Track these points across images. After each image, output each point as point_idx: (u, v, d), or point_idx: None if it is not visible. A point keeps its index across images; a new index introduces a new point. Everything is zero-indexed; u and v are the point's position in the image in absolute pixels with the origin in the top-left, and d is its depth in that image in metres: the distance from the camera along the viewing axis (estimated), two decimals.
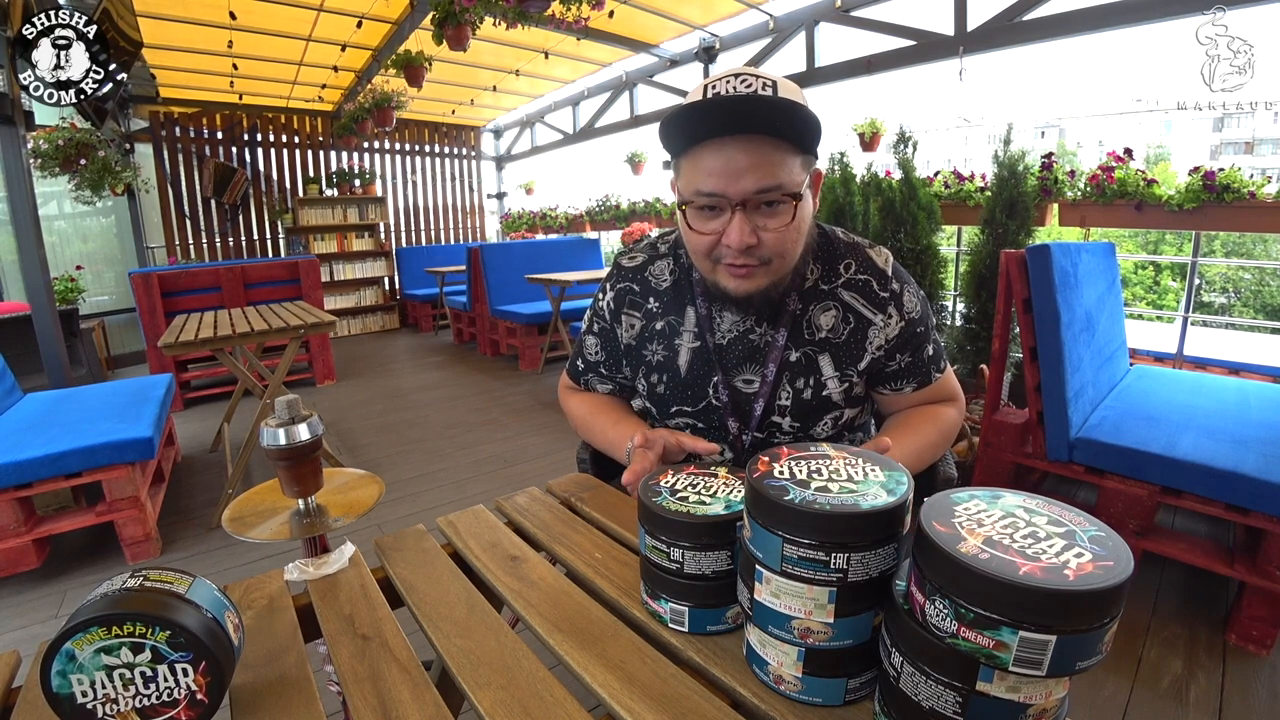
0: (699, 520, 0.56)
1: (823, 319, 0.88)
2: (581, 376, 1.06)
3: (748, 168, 0.73)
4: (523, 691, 0.53)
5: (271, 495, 0.86)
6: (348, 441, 3.19)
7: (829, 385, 0.89)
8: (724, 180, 0.73)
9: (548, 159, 7.27)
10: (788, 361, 0.89)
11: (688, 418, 0.94)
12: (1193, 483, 1.53)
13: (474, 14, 3.17)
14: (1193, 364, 2.62)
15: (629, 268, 0.98)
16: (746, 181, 0.73)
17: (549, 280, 4.18)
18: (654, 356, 0.95)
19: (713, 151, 0.74)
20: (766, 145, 0.73)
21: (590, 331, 1.03)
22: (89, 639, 0.45)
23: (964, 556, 0.39)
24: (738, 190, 0.74)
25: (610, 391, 1.05)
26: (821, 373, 0.89)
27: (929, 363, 0.93)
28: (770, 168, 0.73)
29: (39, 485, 1.89)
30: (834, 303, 0.89)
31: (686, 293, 0.93)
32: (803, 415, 0.90)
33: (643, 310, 0.96)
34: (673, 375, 0.93)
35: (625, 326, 0.97)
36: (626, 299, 0.97)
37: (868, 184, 3.02)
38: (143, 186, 5.20)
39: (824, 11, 3.94)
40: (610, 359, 1.02)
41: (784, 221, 0.76)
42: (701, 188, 0.75)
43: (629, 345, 0.98)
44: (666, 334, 0.94)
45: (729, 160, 0.73)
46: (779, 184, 0.74)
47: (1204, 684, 1.38)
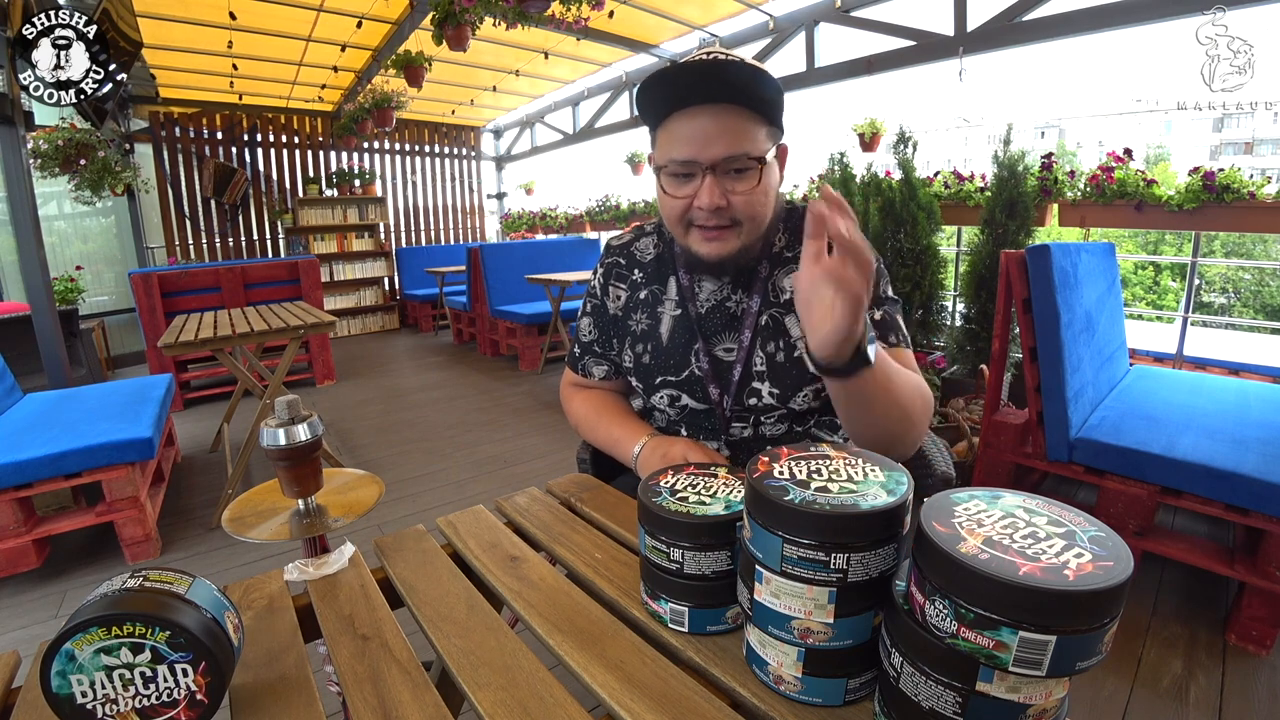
0: (699, 520, 0.56)
1: (786, 281, 0.93)
2: (578, 362, 1.08)
3: (717, 134, 0.79)
4: (523, 691, 0.53)
5: (271, 495, 0.86)
6: (348, 441, 3.19)
7: (799, 346, 0.91)
8: (695, 147, 0.79)
9: (548, 159, 7.27)
10: (759, 326, 0.93)
11: (672, 388, 0.97)
12: (1192, 483, 1.53)
13: (474, 14, 3.16)
14: (1192, 364, 2.62)
15: (616, 245, 1.05)
16: (716, 148, 0.79)
17: (549, 280, 4.18)
18: (638, 326, 0.99)
19: (685, 121, 0.80)
20: (733, 114, 0.79)
21: (585, 314, 1.07)
22: (89, 639, 0.45)
23: (964, 557, 0.39)
24: (708, 156, 0.79)
25: (606, 373, 1.06)
26: (789, 334, 0.92)
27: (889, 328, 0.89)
28: (737, 135, 0.79)
29: (39, 485, 1.89)
30: (796, 265, 0.91)
31: (669, 265, 0.99)
32: (781, 382, 0.92)
33: (628, 281, 1.01)
34: (655, 344, 0.97)
35: (612, 298, 1.03)
36: (613, 272, 1.03)
37: (868, 184, 3.02)
38: (143, 187, 5.20)
39: (824, 11, 3.94)
40: (603, 336, 1.05)
41: (750, 185, 0.82)
42: (675, 155, 0.81)
43: (616, 317, 1.03)
44: (649, 303, 0.99)
45: (700, 128, 0.79)
46: (745, 150, 0.80)
47: (1204, 684, 1.38)
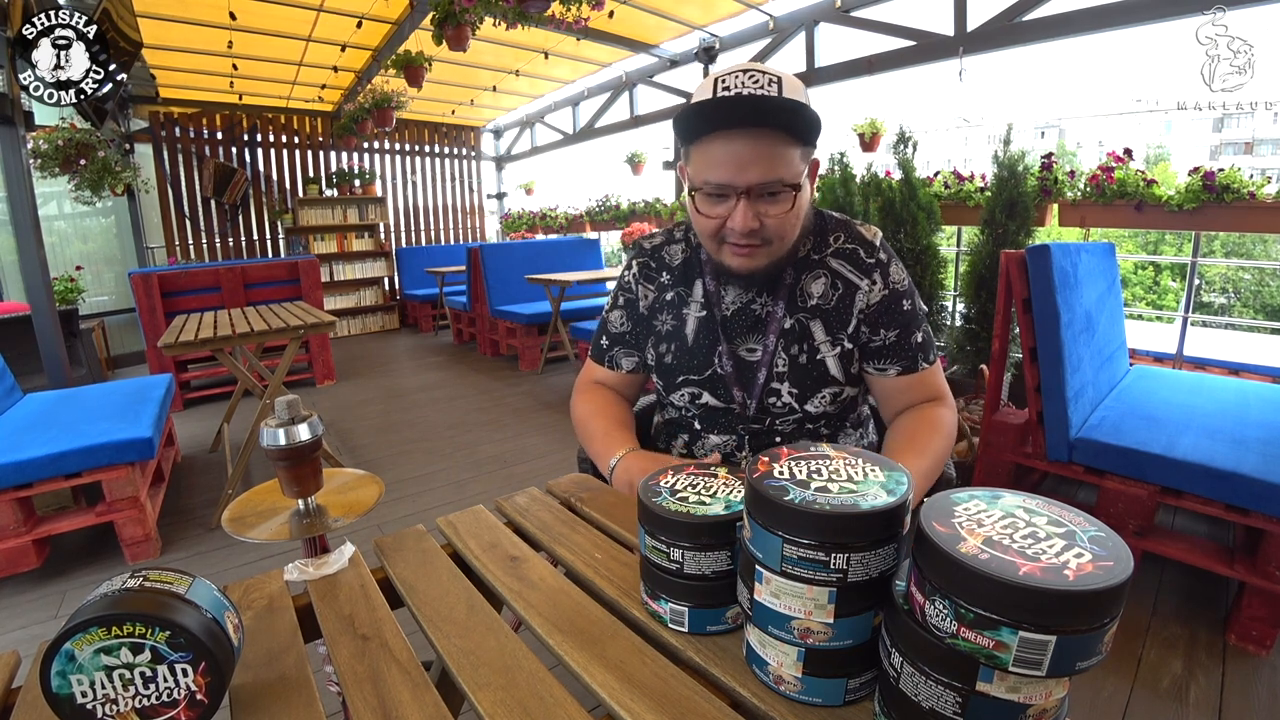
0: (699, 520, 0.56)
1: (813, 287, 0.94)
2: (606, 353, 1.09)
3: (752, 160, 0.79)
4: (523, 692, 0.53)
5: (271, 495, 0.86)
6: (348, 441, 3.19)
7: (822, 350, 0.94)
8: (731, 171, 0.80)
9: (548, 159, 7.27)
10: (784, 329, 0.94)
11: (694, 386, 0.99)
12: (1193, 483, 1.53)
13: (474, 14, 3.16)
14: (1192, 364, 2.61)
15: (648, 247, 1.06)
16: (751, 174, 0.79)
17: (549, 280, 4.17)
18: (663, 326, 1.02)
19: (721, 144, 0.79)
20: (770, 139, 0.78)
21: (615, 306, 1.08)
22: (89, 639, 0.45)
23: (964, 557, 0.39)
24: (743, 180, 0.80)
25: (636, 365, 1.08)
26: (814, 337, 0.94)
27: (916, 349, 0.95)
28: (772, 161, 0.79)
29: (39, 485, 1.89)
30: (823, 270, 0.95)
31: (695, 269, 1.01)
32: (800, 383, 0.94)
33: (656, 283, 1.04)
34: (680, 344, 1.00)
35: (642, 296, 1.05)
36: (645, 272, 1.05)
37: (868, 184, 3.02)
38: (143, 187, 5.20)
39: (824, 12, 3.94)
40: (636, 328, 1.06)
41: (784, 209, 0.83)
42: (710, 178, 0.82)
43: (643, 315, 1.05)
44: (675, 304, 1.01)
45: (736, 154, 0.79)
46: (780, 177, 0.80)
47: (1204, 684, 1.38)
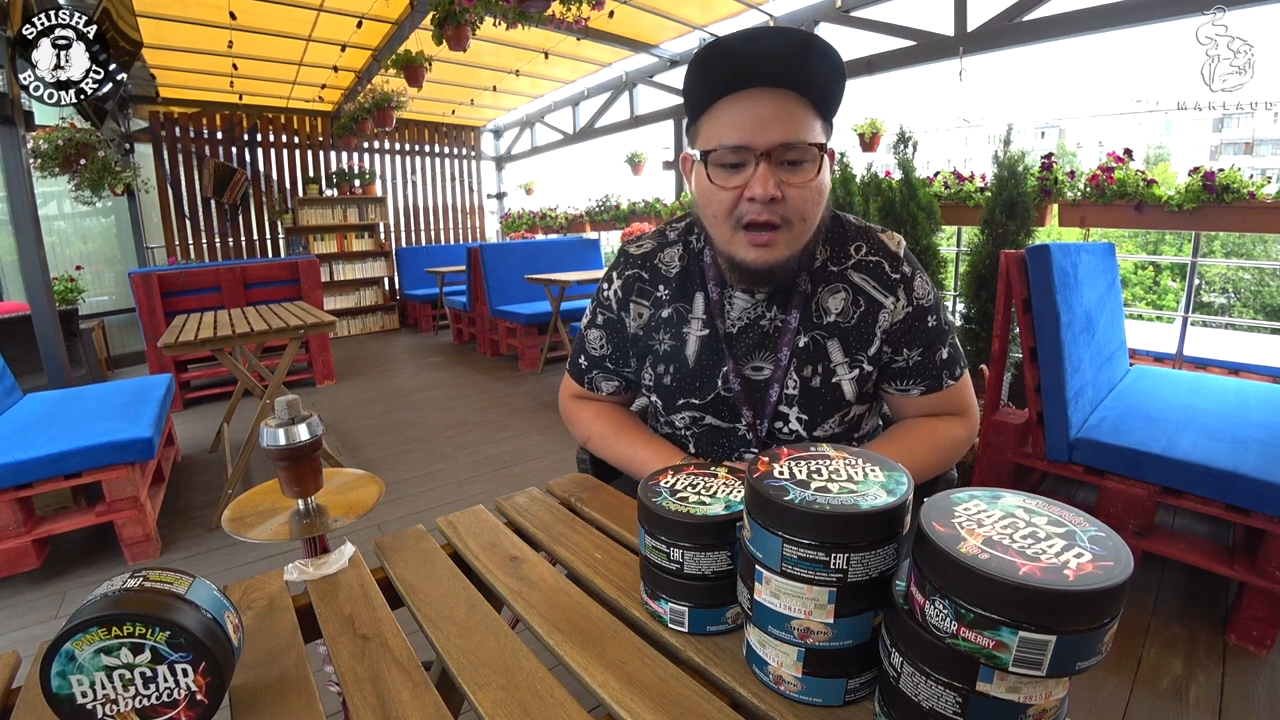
0: (699, 520, 0.56)
1: (831, 302, 0.85)
2: (585, 375, 1.00)
3: (774, 119, 0.72)
4: (523, 692, 0.53)
5: (271, 495, 0.86)
6: (348, 441, 3.19)
7: (838, 372, 0.85)
8: (750, 131, 0.72)
9: (548, 159, 7.28)
10: (797, 347, 0.85)
11: (695, 410, 0.90)
12: (1193, 483, 1.53)
13: (474, 14, 3.16)
14: (1192, 364, 2.62)
15: (637, 255, 0.95)
16: (772, 133, 0.72)
17: (549, 280, 4.18)
18: (661, 346, 0.91)
19: (737, 104, 0.73)
20: (792, 101, 0.72)
21: (594, 325, 0.98)
22: (89, 639, 0.45)
23: (964, 557, 0.39)
24: (764, 140, 0.72)
25: (616, 389, 1.00)
26: (830, 359, 0.85)
27: (941, 367, 0.87)
28: (795, 122, 0.72)
29: (39, 485, 1.89)
30: (843, 285, 0.85)
31: (695, 278, 0.90)
32: (811, 408, 0.86)
33: (651, 298, 0.92)
34: (680, 366, 0.90)
35: (633, 315, 0.93)
36: (635, 286, 0.93)
37: (868, 184, 3.02)
38: (143, 186, 5.20)
39: (824, 11, 3.94)
40: (616, 352, 0.97)
41: (807, 178, 0.74)
42: (725, 140, 0.74)
43: (636, 335, 0.94)
44: (674, 321, 0.90)
45: (755, 112, 0.72)
46: (803, 137, 0.73)
47: (1204, 684, 1.38)
